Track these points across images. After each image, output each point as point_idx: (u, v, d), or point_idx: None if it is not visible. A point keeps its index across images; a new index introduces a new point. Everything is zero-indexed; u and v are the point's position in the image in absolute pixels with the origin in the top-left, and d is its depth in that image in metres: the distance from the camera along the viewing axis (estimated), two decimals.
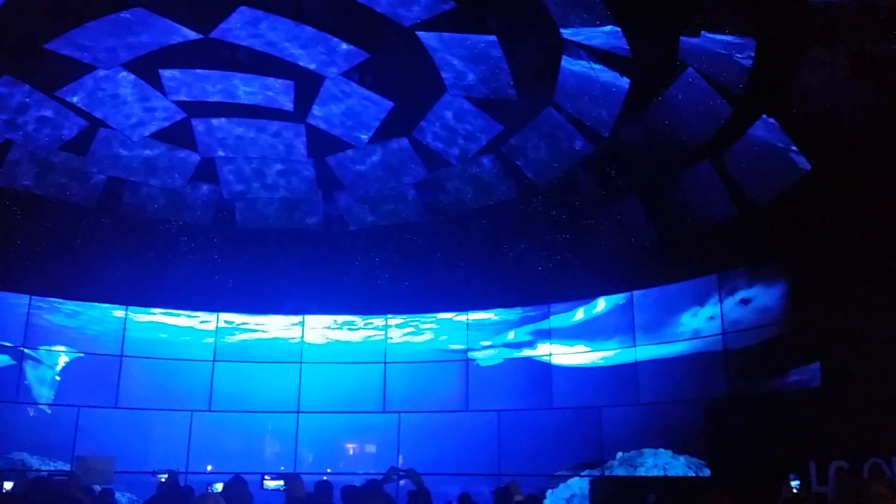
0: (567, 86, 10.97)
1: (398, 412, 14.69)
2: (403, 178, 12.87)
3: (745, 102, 10.10)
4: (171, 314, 14.82)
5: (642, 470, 12.31)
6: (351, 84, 11.19)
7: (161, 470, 10.73)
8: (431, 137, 12.04)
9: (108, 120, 11.62)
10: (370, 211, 13.59)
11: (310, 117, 11.73)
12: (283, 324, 15.36)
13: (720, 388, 11.60)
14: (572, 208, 12.92)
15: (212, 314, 14.99)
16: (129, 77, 10.97)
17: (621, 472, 12.60)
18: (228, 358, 14.89)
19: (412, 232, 14.12)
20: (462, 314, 15.12)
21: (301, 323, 15.33)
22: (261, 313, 15.23)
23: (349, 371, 15.11)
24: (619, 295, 13.49)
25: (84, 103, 11.23)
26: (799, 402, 10.14)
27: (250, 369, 14.91)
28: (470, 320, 15.09)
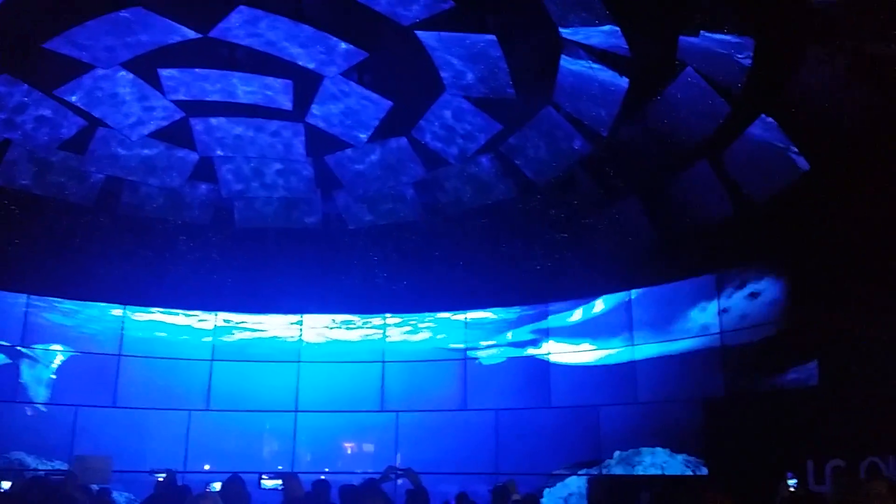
0: (566, 85, 10.96)
1: (396, 411, 14.70)
2: (402, 177, 12.86)
3: (743, 102, 10.11)
4: (170, 313, 14.81)
5: (640, 469, 12.31)
6: (350, 83, 11.18)
7: (159, 469, 10.74)
8: (430, 137, 12.03)
9: (107, 119, 11.60)
10: (369, 210, 13.58)
11: (309, 116, 11.72)
12: (281, 323, 15.35)
13: (718, 386, 11.61)
14: (571, 207, 12.92)
15: (210, 313, 14.98)
16: (128, 76, 10.96)
17: (619, 470, 12.60)
18: (226, 357, 14.88)
19: (411, 231, 14.11)
20: (460, 313, 15.13)
21: (299, 322, 15.33)
22: (259, 312, 15.22)
23: (347, 370, 15.11)
24: (618, 294, 13.51)
25: (83, 102, 11.21)
26: (797, 401, 10.15)
27: (248, 368, 14.91)
28: (468, 319, 15.10)
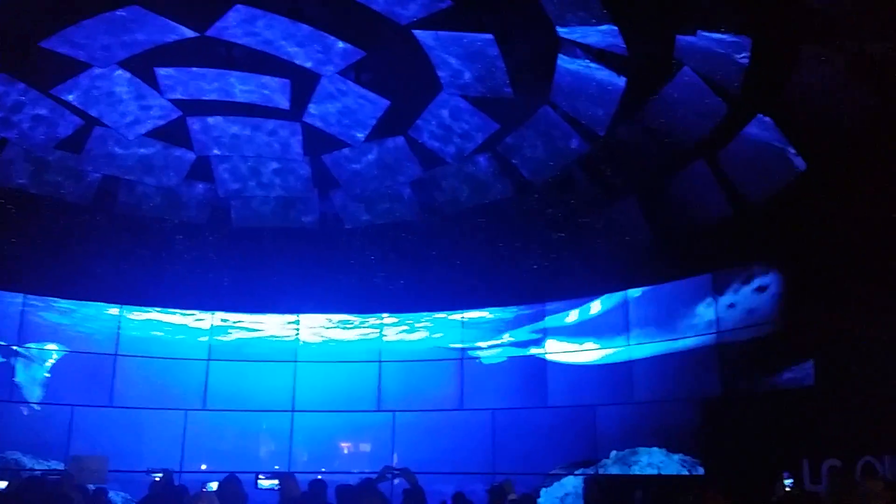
0: (563, 84, 10.95)
1: (393, 411, 14.70)
2: (399, 176, 12.85)
3: (741, 101, 10.11)
4: (166, 312, 14.80)
5: (636, 468, 12.32)
6: (347, 82, 11.16)
7: (155, 469, 10.74)
8: (427, 136, 12.02)
9: (104, 118, 11.57)
10: (366, 209, 13.57)
11: (306, 116, 11.70)
12: (278, 322, 15.34)
13: (714, 386, 11.62)
14: (568, 207, 12.92)
15: (207, 313, 14.97)
16: (125, 75, 10.93)
17: (615, 470, 12.61)
18: (223, 357, 14.88)
19: (408, 230, 14.10)
20: (457, 313, 15.13)
21: (296, 322, 15.32)
22: (256, 312, 15.21)
23: (344, 370, 15.11)
24: (615, 294, 13.51)
25: (79, 101, 11.18)
26: (793, 401, 10.17)
27: (245, 368, 14.90)
28: (465, 319, 15.09)
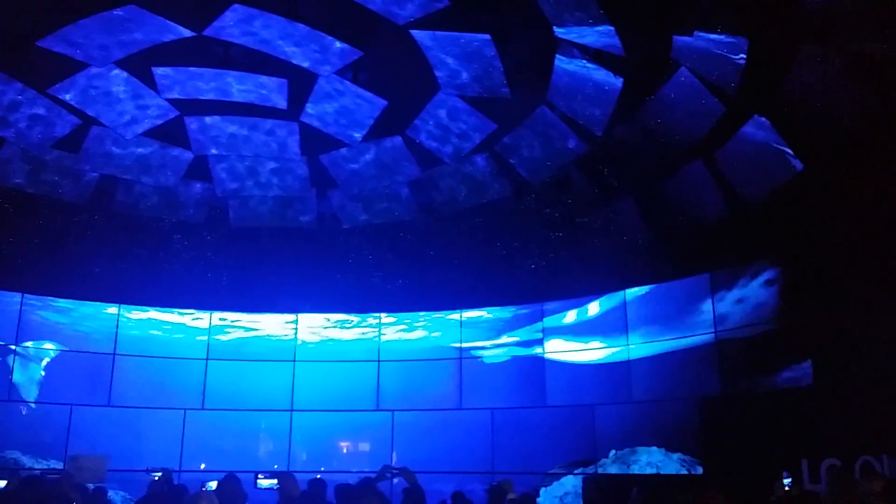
0: (561, 84, 10.97)
1: (392, 410, 14.70)
2: (397, 176, 12.85)
3: (738, 101, 10.13)
4: (165, 311, 14.79)
5: (636, 468, 12.34)
6: (344, 82, 11.16)
7: (155, 468, 10.73)
8: (425, 136, 12.03)
9: (101, 118, 11.56)
10: (364, 209, 13.57)
11: (303, 115, 11.70)
12: (276, 322, 15.34)
13: (713, 386, 11.63)
14: (566, 207, 12.93)
15: (205, 312, 14.96)
16: (122, 75, 10.92)
17: (614, 470, 12.63)
18: (222, 356, 14.87)
19: (406, 230, 14.11)
20: (456, 312, 15.14)
21: (295, 321, 15.32)
22: (254, 311, 15.21)
23: (343, 369, 15.11)
24: (614, 293, 13.52)
25: (76, 101, 11.17)
26: (791, 401, 10.18)
27: (244, 367, 14.89)
28: (464, 318, 15.10)
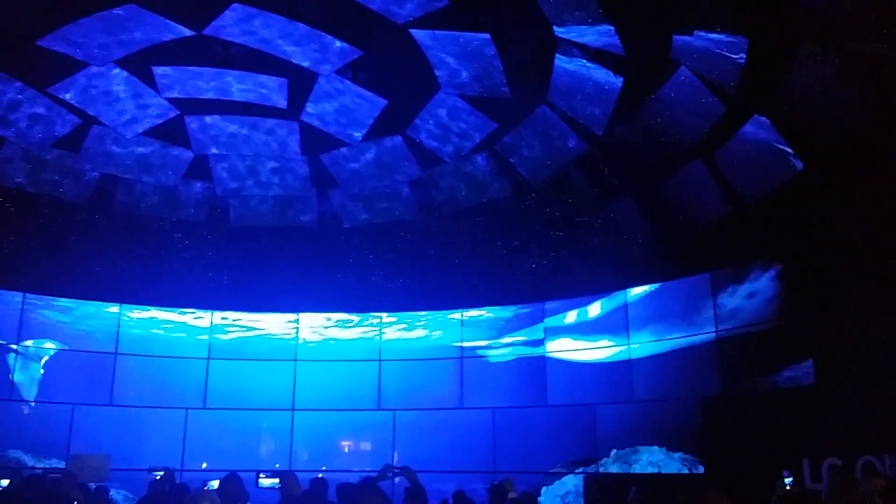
0: (560, 84, 10.97)
1: (393, 410, 14.71)
2: (397, 175, 12.85)
3: (738, 101, 10.12)
4: (166, 311, 14.80)
5: (637, 467, 12.34)
6: (344, 81, 11.16)
7: (156, 467, 10.75)
8: (425, 135, 12.03)
9: (101, 117, 11.57)
10: (364, 209, 13.58)
11: (303, 115, 11.70)
12: (277, 321, 15.35)
13: (714, 385, 11.63)
14: (566, 206, 12.93)
15: (206, 311, 14.97)
16: (122, 74, 10.92)
17: (615, 469, 12.63)
18: (223, 355, 14.88)
19: (406, 230, 14.11)
20: (456, 312, 15.14)
21: (296, 320, 15.33)
22: (255, 311, 15.22)
23: (344, 369, 15.12)
24: (614, 293, 13.52)
25: (77, 100, 11.18)
26: (793, 400, 10.18)
27: (245, 367, 14.91)
28: (464, 318, 15.11)
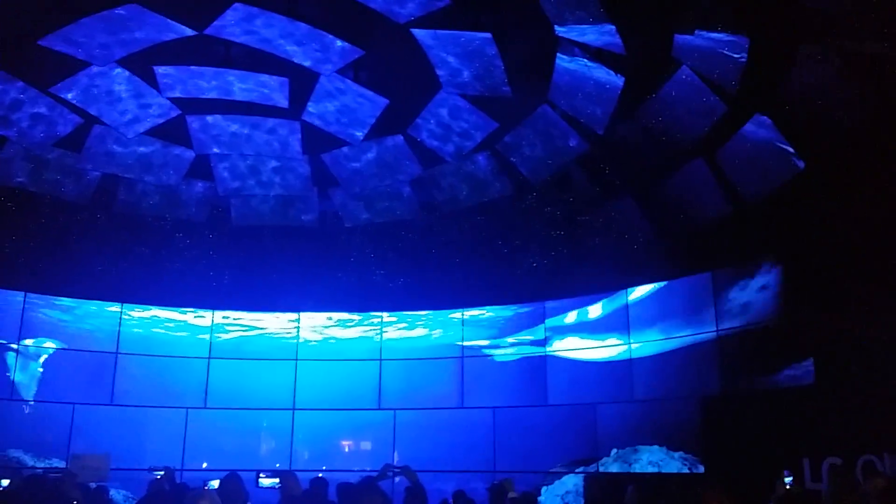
0: (561, 83, 10.96)
1: (393, 409, 14.72)
2: (398, 175, 12.86)
3: (739, 100, 10.12)
4: (167, 310, 14.81)
5: (637, 466, 12.34)
6: (346, 81, 11.16)
7: (157, 467, 10.76)
8: (426, 135, 12.03)
9: (103, 117, 11.57)
10: (365, 208, 13.58)
11: (305, 114, 11.70)
12: (278, 321, 15.35)
13: (714, 384, 11.63)
14: (567, 205, 12.93)
15: (207, 311, 14.98)
16: (124, 74, 10.92)
17: (616, 468, 12.63)
18: (224, 355, 14.89)
19: (407, 229, 14.12)
20: (457, 311, 15.14)
21: (297, 320, 15.34)
22: (256, 310, 15.23)
23: (344, 368, 15.13)
24: (615, 292, 13.52)
25: (78, 100, 11.19)
26: (793, 400, 10.17)
27: (246, 366, 14.92)
28: (465, 317, 15.11)
